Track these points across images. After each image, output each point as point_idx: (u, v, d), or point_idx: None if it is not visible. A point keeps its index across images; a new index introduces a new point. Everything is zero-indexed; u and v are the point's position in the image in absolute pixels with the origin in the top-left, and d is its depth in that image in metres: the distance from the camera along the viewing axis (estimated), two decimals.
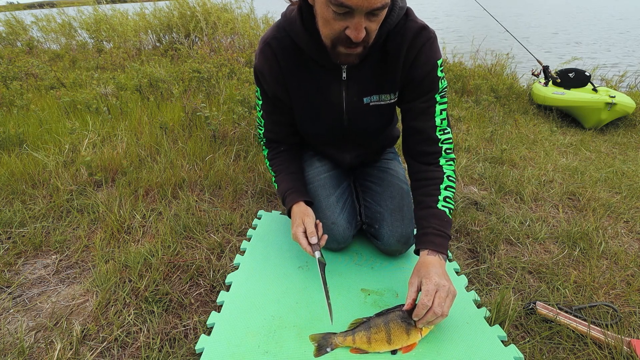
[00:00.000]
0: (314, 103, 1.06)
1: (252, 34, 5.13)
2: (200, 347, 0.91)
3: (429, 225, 0.97)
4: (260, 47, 1.02)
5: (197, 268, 1.21)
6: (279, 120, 1.16)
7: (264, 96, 1.11)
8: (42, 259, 1.28)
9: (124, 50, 5.31)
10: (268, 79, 1.04)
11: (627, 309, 1.05)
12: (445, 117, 1.02)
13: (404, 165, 1.37)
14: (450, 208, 1.00)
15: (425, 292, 0.85)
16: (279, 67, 1.01)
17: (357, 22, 0.76)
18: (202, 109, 2.21)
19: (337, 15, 0.77)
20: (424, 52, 0.95)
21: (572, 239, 1.35)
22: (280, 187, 1.17)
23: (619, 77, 3.98)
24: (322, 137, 1.19)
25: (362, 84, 1.02)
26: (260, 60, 1.02)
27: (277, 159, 1.21)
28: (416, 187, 1.07)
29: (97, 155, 1.91)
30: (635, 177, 1.88)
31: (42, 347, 0.94)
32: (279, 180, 1.19)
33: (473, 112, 2.88)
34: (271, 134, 1.19)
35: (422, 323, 0.87)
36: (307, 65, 1.00)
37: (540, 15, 14.08)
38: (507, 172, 1.89)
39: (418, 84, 0.99)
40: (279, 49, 0.99)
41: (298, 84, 1.04)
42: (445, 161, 1.04)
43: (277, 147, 1.22)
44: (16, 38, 6.50)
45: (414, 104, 1.02)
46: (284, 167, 1.19)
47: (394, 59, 0.96)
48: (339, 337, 0.91)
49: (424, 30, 0.94)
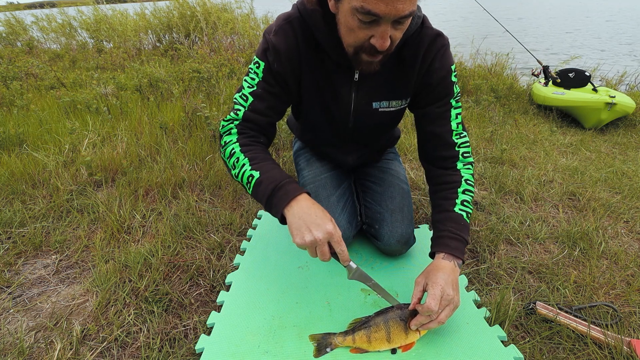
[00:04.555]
0: (323, 98, 1.03)
1: (252, 34, 5.12)
2: (200, 347, 0.91)
3: (444, 229, 0.95)
4: (280, 23, 0.92)
5: (197, 268, 1.21)
6: (272, 103, 0.98)
7: (266, 73, 0.95)
8: (42, 259, 1.28)
9: (124, 50, 5.31)
10: (282, 55, 0.92)
11: (627, 309, 1.05)
12: (460, 121, 1.01)
13: (405, 166, 1.36)
14: (468, 212, 0.98)
15: (432, 296, 0.84)
16: (297, 47, 0.93)
17: (383, 30, 0.74)
18: (202, 109, 2.21)
19: (362, 24, 0.75)
20: (439, 59, 0.95)
21: (572, 239, 1.35)
22: (267, 174, 0.89)
23: (619, 77, 3.98)
24: (325, 135, 1.18)
25: (373, 88, 1.01)
26: (279, 36, 0.92)
27: (254, 147, 0.96)
28: (434, 192, 1.05)
29: (97, 155, 1.91)
30: (635, 177, 1.88)
31: (42, 347, 0.94)
32: (261, 168, 0.90)
33: (473, 112, 2.88)
34: (255, 114, 0.97)
35: (415, 324, 0.87)
36: (322, 58, 0.96)
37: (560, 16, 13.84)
38: (507, 172, 1.89)
39: (433, 90, 0.98)
40: (299, 29, 0.92)
41: (311, 73, 0.98)
42: (462, 165, 1.02)
43: (254, 137, 0.98)
44: (16, 38, 6.51)
45: (429, 109, 1.01)
46: (266, 157, 0.94)
47: (409, 66, 0.96)
48: (339, 337, 0.91)
49: (439, 37, 0.94)
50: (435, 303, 0.83)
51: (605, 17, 13.14)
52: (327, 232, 0.80)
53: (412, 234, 1.20)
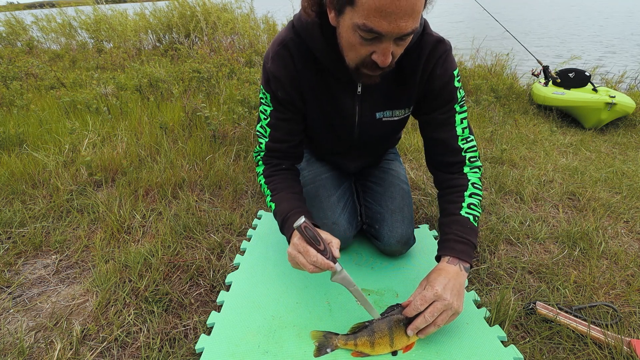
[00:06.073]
0: (327, 113, 1.03)
1: (252, 34, 5.13)
2: (200, 347, 0.91)
3: (450, 232, 0.94)
4: (276, 49, 0.93)
5: (197, 268, 1.21)
6: (289, 128, 1.04)
7: (274, 103, 1.00)
8: (42, 259, 1.28)
9: (124, 50, 5.31)
10: (284, 81, 0.95)
11: (627, 309, 1.05)
12: (466, 125, 1.00)
13: (405, 166, 1.37)
14: (476, 215, 0.96)
15: (421, 297, 0.84)
16: (296, 70, 0.94)
17: (384, 47, 0.73)
18: (202, 109, 2.21)
19: (364, 41, 0.73)
20: (441, 65, 0.93)
21: (572, 239, 1.35)
22: (280, 206, 1.00)
23: (619, 77, 3.98)
24: (329, 146, 1.19)
25: (376, 99, 1.00)
26: (276, 63, 0.94)
27: (275, 177, 1.06)
28: (441, 196, 1.04)
29: (97, 155, 1.91)
30: (635, 177, 1.88)
31: (42, 347, 0.94)
32: (277, 199, 1.02)
33: (473, 112, 2.89)
34: (276, 144, 1.05)
35: (412, 329, 0.86)
36: (323, 75, 0.95)
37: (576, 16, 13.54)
38: (507, 172, 1.89)
39: (436, 96, 0.97)
40: (295, 51, 0.92)
41: (312, 91, 0.98)
42: (469, 169, 1.01)
43: (277, 165, 1.07)
44: (16, 38, 6.51)
45: (433, 116, 1.00)
46: (284, 186, 1.04)
47: (410, 75, 0.95)
48: (341, 340, 0.90)
49: (439, 44, 0.92)
50: (422, 303, 0.83)
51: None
52: (310, 270, 0.85)
53: (412, 234, 1.20)
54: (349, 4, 0.70)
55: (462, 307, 0.87)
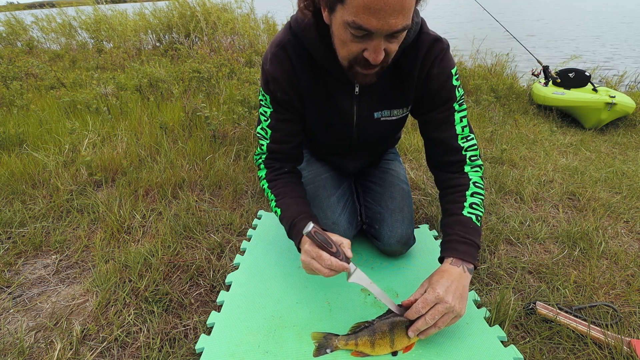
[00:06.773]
0: (325, 114, 1.03)
1: (252, 34, 5.13)
2: (200, 347, 0.91)
3: (452, 232, 0.93)
4: (273, 50, 0.94)
5: (197, 268, 1.21)
6: (290, 129, 1.04)
7: (274, 104, 1.01)
8: (42, 259, 1.28)
9: (124, 50, 5.31)
10: (282, 82, 0.95)
11: (627, 309, 1.05)
12: (466, 124, 0.99)
13: (405, 166, 1.37)
14: (478, 215, 0.95)
15: (423, 300, 0.83)
16: (294, 71, 0.95)
17: (375, 44, 0.73)
18: (202, 109, 2.21)
19: (355, 38, 0.73)
20: (438, 64, 0.93)
21: (572, 239, 1.35)
22: (286, 212, 1.00)
23: (619, 77, 3.98)
24: (328, 146, 1.19)
25: (374, 99, 1.00)
26: (274, 65, 0.94)
27: (278, 181, 1.05)
28: (442, 196, 1.03)
29: (97, 155, 1.91)
30: (635, 177, 1.88)
31: (42, 347, 0.94)
32: (282, 205, 1.01)
33: (473, 112, 2.89)
34: (277, 145, 1.05)
35: (413, 331, 0.85)
36: (321, 75, 0.96)
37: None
38: (507, 172, 1.89)
39: (434, 95, 0.97)
40: (293, 52, 0.93)
41: (310, 92, 0.99)
42: (470, 168, 1.00)
43: (279, 169, 1.07)
44: (16, 38, 6.50)
45: (432, 115, 1.00)
46: (288, 190, 1.03)
47: (407, 74, 0.95)
48: (341, 341, 0.90)
49: (437, 42, 0.92)
50: (423, 306, 0.82)
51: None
52: (326, 274, 0.84)
53: (412, 234, 1.20)
54: (339, 2, 0.70)
55: (465, 310, 0.86)
